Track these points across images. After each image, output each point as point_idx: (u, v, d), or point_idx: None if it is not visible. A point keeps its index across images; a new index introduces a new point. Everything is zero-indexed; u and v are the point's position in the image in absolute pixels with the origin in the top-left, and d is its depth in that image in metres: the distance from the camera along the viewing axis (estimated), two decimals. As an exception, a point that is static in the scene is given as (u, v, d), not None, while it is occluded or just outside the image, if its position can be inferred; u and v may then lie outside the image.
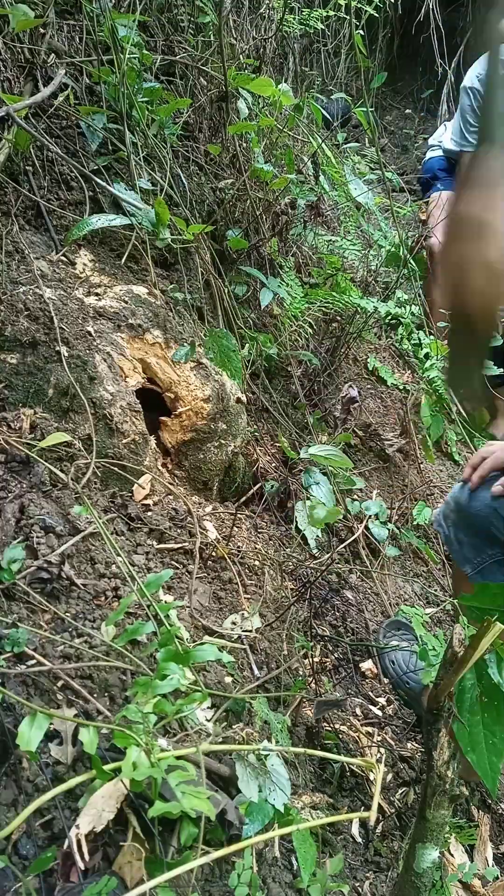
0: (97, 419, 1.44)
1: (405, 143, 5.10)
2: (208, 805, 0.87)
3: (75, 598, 1.20)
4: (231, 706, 1.20)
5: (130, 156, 1.68)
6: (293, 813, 1.05)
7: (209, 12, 2.08)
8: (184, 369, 1.66)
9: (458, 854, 1.46)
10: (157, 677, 0.99)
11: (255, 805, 1.01)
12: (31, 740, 0.85)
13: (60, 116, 1.72)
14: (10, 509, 1.23)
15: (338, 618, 1.77)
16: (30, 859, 0.90)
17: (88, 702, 1.05)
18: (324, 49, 3.98)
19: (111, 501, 1.43)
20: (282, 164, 2.25)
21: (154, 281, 1.72)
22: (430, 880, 1.00)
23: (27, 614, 1.12)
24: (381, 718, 1.59)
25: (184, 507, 1.55)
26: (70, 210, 1.68)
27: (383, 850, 1.34)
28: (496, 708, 0.89)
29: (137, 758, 0.87)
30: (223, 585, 1.47)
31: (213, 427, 1.70)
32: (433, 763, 0.93)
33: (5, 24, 1.60)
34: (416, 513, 2.16)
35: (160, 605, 1.19)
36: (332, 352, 2.38)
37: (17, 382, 1.41)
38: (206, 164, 2.09)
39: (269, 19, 2.76)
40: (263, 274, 2.06)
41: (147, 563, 1.36)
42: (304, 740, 1.37)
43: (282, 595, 1.61)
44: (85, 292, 1.58)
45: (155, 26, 2.06)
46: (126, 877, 0.91)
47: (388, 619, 1.86)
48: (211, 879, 1.03)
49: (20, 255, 1.53)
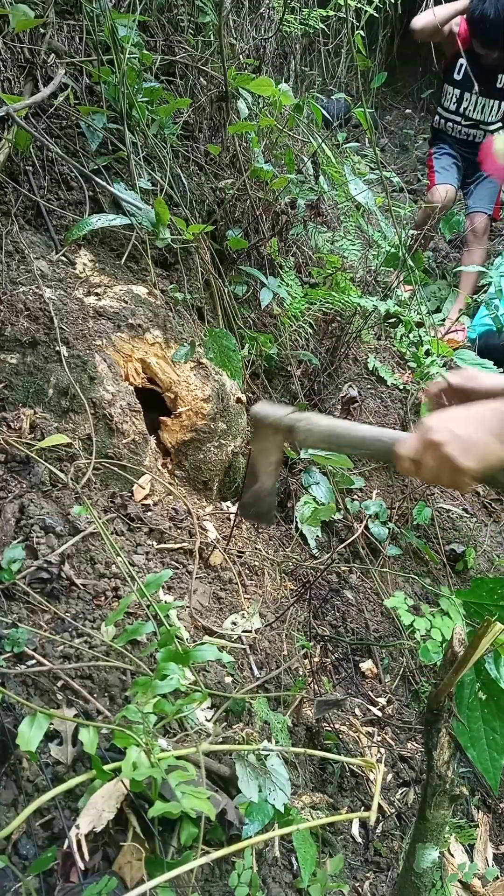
0: (97, 419, 1.44)
1: (405, 143, 5.11)
2: (208, 805, 0.87)
3: (75, 598, 1.20)
4: (231, 706, 1.20)
5: (130, 156, 1.68)
6: (293, 813, 1.05)
7: (209, 12, 2.08)
8: (184, 369, 1.66)
9: (459, 854, 1.46)
10: (157, 677, 0.99)
11: (255, 805, 1.01)
12: (31, 740, 0.85)
13: (60, 116, 1.72)
14: (10, 509, 1.23)
15: (338, 618, 1.77)
16: (30, 859, 0.90)
17: (88, 702, 1.05)
18: (324, 49, 3.97)
19: (111, 501, 1.43)
20: (282, 164, 2.24)
21: (154, 281, 1.72)
22: (430, 880, 1.00)
23: (27, 614, 1.12)
24: (381, 718, 1.59)
25: (184, 507, 1.55)
26: (70, 210, 1.68)
27: (383, 850, 1.34)
28: (496, 703, 0.89)
29: (137, 758, 0.87)
30: (223, 585, 1.47)
31: (213, 427, 1.70)
32: (433, 763, 0.93)
33: (5, 24, 1.60)
34: (416, 513, 2.16)
35: (160, 605, 1.19)
36: (332, 352, 2.38)
37: (17, 382, 1.41)
38: (206, 163, 2.09)
39: (269, 19, 2.76)
40: (263, 274, 2.06)
41: (147, 563, 1.36)
42: (304, 740, 1.37)
43: (282, 595, 1.61)
44: (85, 292, 1.58)
45: (155, 26, 2.06)
46: (126, 877, 0.91)
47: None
48: (211, 879, 1.03)
49: (20, 255, 1.53)
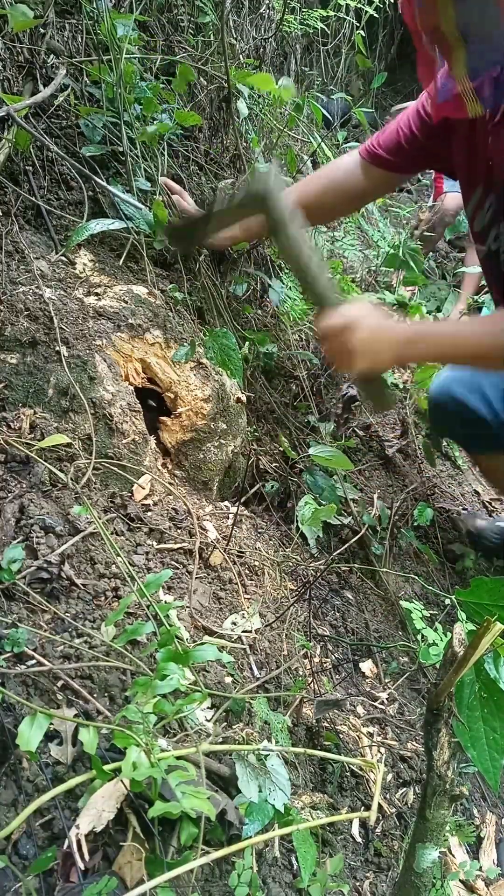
0: (97, 419, 1.44)
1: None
2: (208, 805, 0.87)
3: (75, 598, 1.20)
4: (231, 706, 1.20)
5: (128, 156, 1.68)
6: (293, 813, 1.05)
7: (209, 12, 2.08)
8: (184, 369, 1.66)
9: (460, 853, 1.46)
10: (157, 677, 0.99)
11: (255, 805, 1.01)
12: (31, 740, 0.85)
13: (60, 116, 1.72)
14: (10, 509, 1.23)
15: (338, 618, 1.77)
16: (30, 859, 0.90)
17: (88, 702, 1.05)
18: (324, 49, 3.97)
19: (111, 501, 1.43)
20: (282, 164, 2.24)
21: (153, 281, 1.72)
22: (431, 880, 0.99)
23: (27, 614, 1.12)
24: (381, 718, 1.59)
25: (183, 507, 1.55)
26: (70, 210, 1.68)
27: (383, 850, 1.34)
28: (495, 703, 0.89)
29: (137, 758, 0.87)
30: (223, 585, 1.47)
31: (213, 427, 1.70)
32: (433, 763, 0.93)
33: (5, 24, 1.60)
34: (417, 513, 2.16)
35: (160, 605, 1.19)
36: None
37: (17, 382, 1.41)
38: (206, 163, 2.09)
39: (269, 19, 2.76)
40: (264, 273, 2.06)
41: (147, 563, 1.36)
42: (304, 740, 1.37)
43: (282, 595, 1.61)
44: (85, 292, 1.58)
45: (155, 26, 2.06)
46: (126, 877, 0.91)
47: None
48: (211, 879, 1.03)
49: (20, 255, 1.53)
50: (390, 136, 1.66)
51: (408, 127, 1.63)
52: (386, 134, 1.67)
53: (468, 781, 1.63)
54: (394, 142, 1.65)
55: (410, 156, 1.65)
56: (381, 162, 1.67)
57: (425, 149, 1.62)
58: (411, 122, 1.62)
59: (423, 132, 1.60)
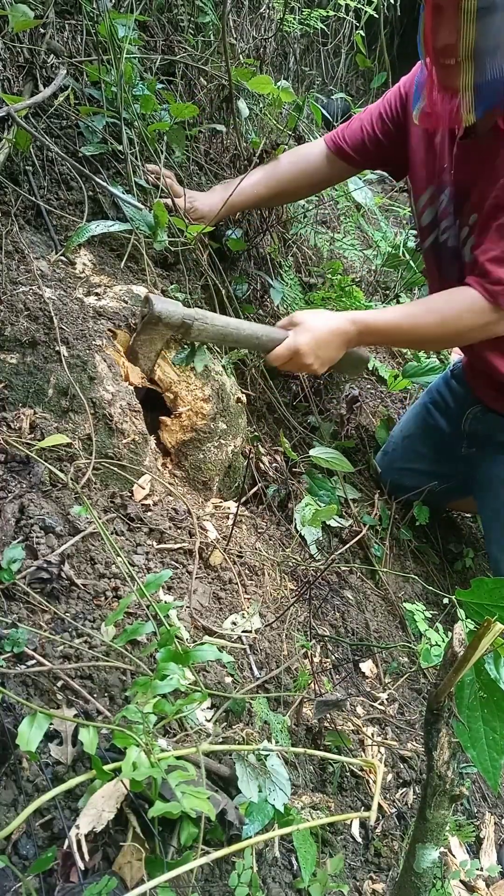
0: (97, 419, 1.44)
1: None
2: (208, 805, 0.87)
3: (75, 598, 1.20)
4: (231, 706, 1.20)
5: (128, 156, 1.68)
6: (293, 813, 1.05)
7: (209, 12, 2.08)
8: (184, 369, 1.66)
9: (460, 853, 1.46)
10: (157, 677, 0.99)
11: (255, 805, 1.01)
12: (31, 740, 0.85)
13: (60, 116, 1.72)
14: (9, 509, 1.23)
15: (338, 618, 1.77)
16: (30, 859, 0.90)
17: (88, 702, 1.05)
18: (324, 49, 3.97)
19: (111, 501, 1.43)
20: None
21: (153, 281, 1.72)
22: (431, 880, 0.99)
23: (27, 614, 1.12)
24: (381, 718, 1.59)
25: (184, 507, 1.55)
26: (70, 210, 1.68)
27: (383, 850, 1.34)
28: (495, 703, 0.89)
29: (137, 758, 0.87)
30: (223, 585, 1.47)
31: (213, 427, 1.70)
32: (433, 763, 0.93)
33: (5, 24, 1.60)
34: (417, 513, 2.16)
35: (160, 605, 1.19)
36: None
37: (17, 382, 1.41)
38: (206, 163, 2.09)
39: (269, 19, 2.76)
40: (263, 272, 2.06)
41: (147, 563, 1.36)
42: (304, 740, 1.37)
43: (282, 595, 1.61)
44: (85, 292, 1.58)
45: (155, 26, 2.06)
46: (126, 877, 0.91)
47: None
48: (211, 879, 1.03)
49: (20, 255, 1.53)
50: (356, 133, 1.81)
51: (371, 129, 1.78)
52: (351, 129, 1.82)
53: (468, 781, 1.63)
54: (359, 140, 1.81)
55: (371, 156, 1.83)
56: (345, 157, 1.84)
57: (383, 153, 1.80)
58: (374, 125, 1.78)
59: (385, 136, 1.77)
